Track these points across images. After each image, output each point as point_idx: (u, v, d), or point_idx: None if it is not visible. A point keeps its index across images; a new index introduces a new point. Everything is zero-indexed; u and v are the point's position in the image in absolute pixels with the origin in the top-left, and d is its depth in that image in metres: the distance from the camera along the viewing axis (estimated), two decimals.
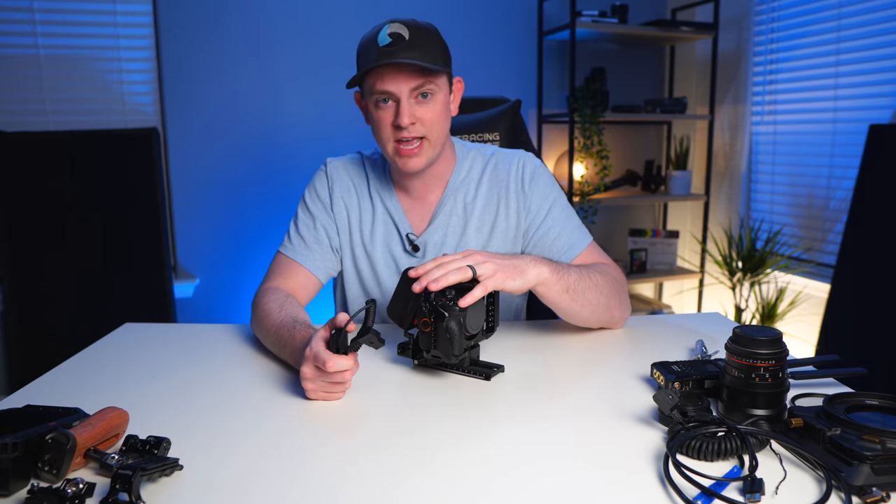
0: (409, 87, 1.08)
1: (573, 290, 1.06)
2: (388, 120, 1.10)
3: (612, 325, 1.19)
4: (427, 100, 1.10)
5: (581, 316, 1.12)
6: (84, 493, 0.61)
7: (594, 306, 1.11)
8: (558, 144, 3.16)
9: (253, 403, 0.88)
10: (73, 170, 2.37)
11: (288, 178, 2.83)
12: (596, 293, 1.10)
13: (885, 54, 2.30)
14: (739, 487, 0.63)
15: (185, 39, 2.66)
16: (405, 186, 1.25)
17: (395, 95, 1.08)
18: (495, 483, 0.66)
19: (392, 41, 1.05)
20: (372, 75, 1.09)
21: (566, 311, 1.10)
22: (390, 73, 1.07)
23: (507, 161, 1.26)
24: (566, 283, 1.05)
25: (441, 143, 1.16)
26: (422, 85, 1.08)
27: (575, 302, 1.07)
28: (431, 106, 1.11)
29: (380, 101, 1.10)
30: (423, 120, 1.10)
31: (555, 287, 1.04)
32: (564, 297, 1.06)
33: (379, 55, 1.05)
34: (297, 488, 0.66)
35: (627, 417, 0.81)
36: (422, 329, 0.91)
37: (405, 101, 1.08)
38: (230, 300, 2.86)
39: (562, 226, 1.23)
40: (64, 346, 1.37)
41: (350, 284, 1.28)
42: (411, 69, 1.07)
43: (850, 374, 0.91)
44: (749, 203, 3.00)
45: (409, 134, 1.10)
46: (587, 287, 1.08)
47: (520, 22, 3.03)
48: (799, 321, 2.66)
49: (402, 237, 1.24)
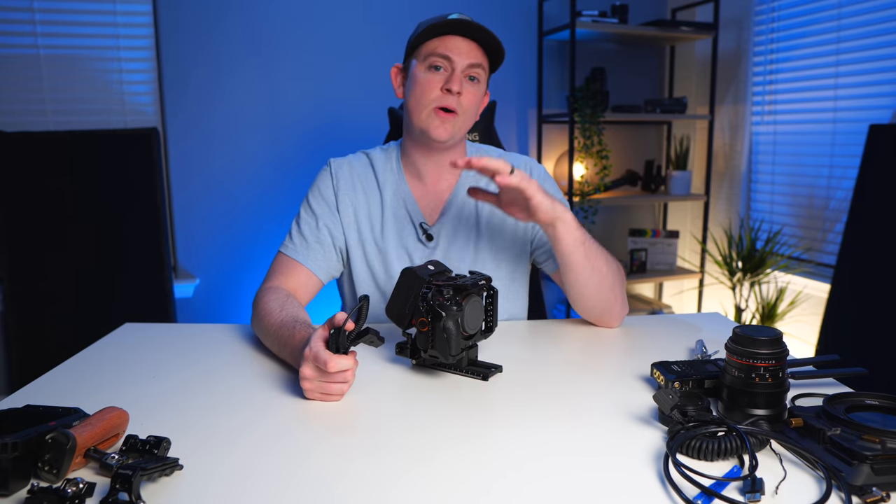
0: (468, 62, 1.15)
1: (588, 247, 1.08)
2: (436, 83, 1.15)
3: (609, 319, 1.18)
4: (473, 83, 1.17)
5: (589, 284, 1.11)
6: (84, 493, 0.61)
7: (602, 278, 1.11)
8: (558, 144, 3.16)
9: (252, 403, 0.88)
10: (73, 170, 2.37)
11: (288, 178, 2.83)
12: (607, 267, 1.12)
13: (885, 54, 2.30)
14: (739, 487, 0.63)
15: (185, 39, 2.66)
16: (419, 170, 1.26)
17: (453, 63, 1.14)
18: (494, 483, 0.66)
19: (462, 19, 1.13)
20: (435, 40, 1.15)
21: (576, 268, 1.09)
22: (456, 41, 1.14)
23: (515, 162, 1.30)
24: (584, 236, 1.08)
25: (465, 130, 1.22)
26: (478, 65, 1.16)
27: (587, 261, 1.09)
28: (474, 90, 1.17)
29: (434, 65, 1.15)
30: (465, 98, 1.16)
31: (574, 232, 1.06)
32: (580, 250, 1.07)
33: (450, 24, 1.12)
34: (296, 487, 0.66)
35: (627, 417, 0.81)
36: (419, 329, 0.91)
37: (459, 71, 1.14)
38: (230, 300, 2.86)
39: None
40: (64, 346, 1.37)
41: (361, 282, 1.27)
42: (476, 45, 1.15)
43: (850, 374, 0.91)
44: (749, 203, 3.00)
45: (451, 103, 1.15)
46: (600, 255, 1.11)
47: (520, 22, 3.03)
48: (799, 321, 2.66)
49: (416, 226, 1.25)
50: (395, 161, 1.29)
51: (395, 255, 1.25)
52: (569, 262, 1.09)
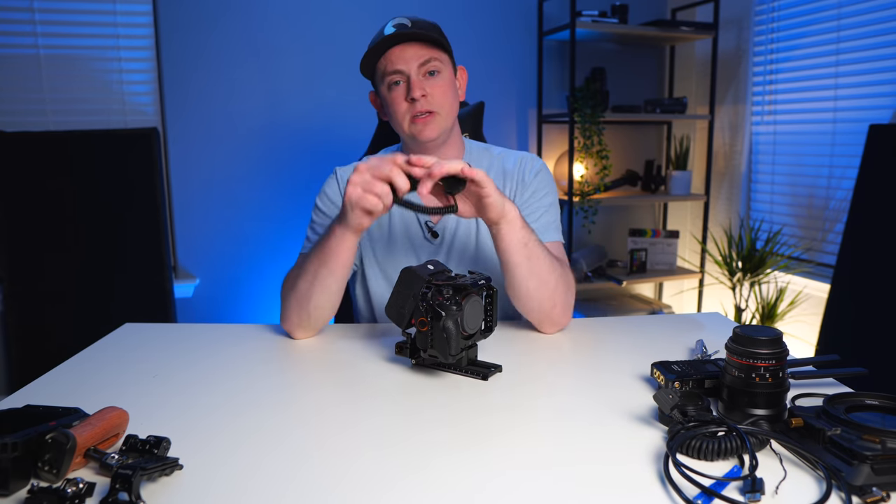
0: (417, 63, 1.16)
1: (530, 250, 1.06)
2: (401, 97, 1.18)
3: (546, 322, 1.15)
4: (435, 77, 1.18)
5: (525, 286, 1.09)
6: (84, 493, 0.61)
7: (541, 282, 1.09)
8: (558, 144, 3.16)
9: (253, 403, 0.88)
10: (72, 170, 2.37)
11: (288, 178, 2.83)
12: (549, 271, 1.09)
13: (885, 54, 2.29)
14: (739, 487, 0.63)
15: (185, 39, 2.66)
16: None
17: (405, 73, 1.16)
18: (493, 483, 0.66)
19: (396, 31, 1.15)
20: (381, 60, 1.18)
21: (515, 268, 1.08)
22: (397, 52, 1.16)
23: (513, 157, 1.32)
24: (528, 237, 1.06)
25: (451, 120, 1.23)
26: (428, 61, 1.17)
27: (528, 262, 1.07)
28: (440, 82, 1.18)
29: (392, 83, 1.18)
30: (433, 94, 1.17)
31: (517, 233, 1.04)
32: (521, 252, 1.06)
33: (385, 41, 1.15)
34: (296, 487, 0.66)
35: (627, 417, 0.81)
36: (419, 328, 0.91)
37: (415, 77, 1.16)
38: (230, 300, 2.86)
39: (542, 213, 1.26)
40: (64, 346, 1.37)
41: (374, 284, 1.30)
42: (416, 45, 1.16)
43: (850, 374, 0.91)
44: (749, 203, 3.00)
45: (422, 107, 1.17)
46: (543, 259, 1.08)
47: (520, 22, 3.03)
48: (799, 321, 2.66)
49: (421, 225, 1.28)
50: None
51: (403, 254, 1.28)
52: (507, 261, 1.08)
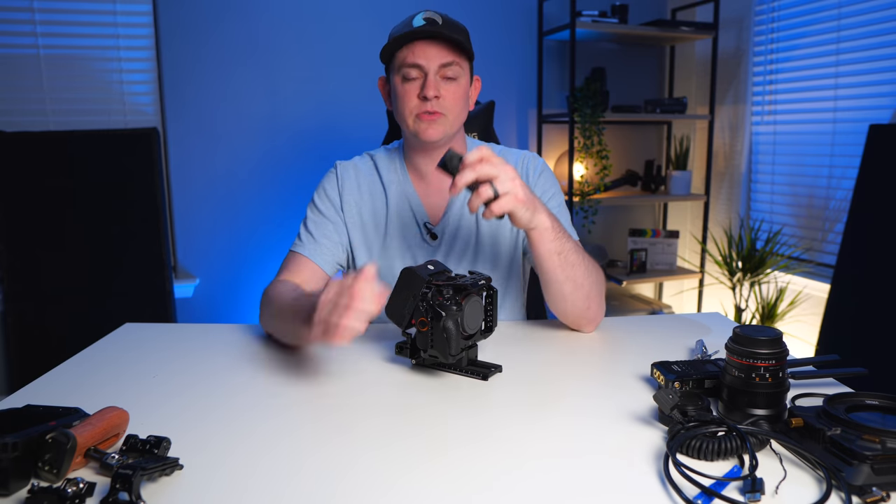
0: (439, 63, 1.14)
1: (565, 256, 1.06)
2: (413, 92, 1.16)
3: (584, 322, 1.15)
4: (451, 82, 1.17)
5: (562, 291, 1.09)
6: (84, 493, 0.61)
7: (576, 285, 1.09)
8: (558, 144, 3.16)
9: (252, 403, 0.88)
10: (72, 170, 2.37)
11: (288, 178, 2.83)
12: (584, 274, 1.09)
13: (885, 54, 2.30)
14: (739, 487, 0.63)
15: (185, 39, 2.66)
16: (421, 170, 1.27)
17: (424, 69, 1.14)
18: (493, 483, 0.66)
19: (426, 24, 1.13)
20: (403, 50, 1.15)
21: (550, 275, 1.08)
22: (422, 47, 1.14)
23: (514, 157, 1.31)
24: (561, 245, 1.05)
25: (457, 127, 1.21)
26: (450, 63, 1.15)
27: (562, 269, 1.06)
28: (455, 88, 1.17)
29: (408, 76, 1.16)
30: (446, 98, 1.16)
31: (550, 243, 1.03)
32: (554, 259, 1.05)
33: (414, 32, 1.13)
34: (296, 487, 0.66)
35: (627, 417, 0.81)
36: (419, 328, 0.91)
37: (432, 76, 1.14)
38: (230, 300, 2.86)
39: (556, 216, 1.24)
40: (64, 346, 1.37)
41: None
42: (443, 46, 1.14)
43: (850, 374, 0.91)
44: (749, 203, 3.00)
45: (432, 108, 1.15)
46: (578, 263, 1.08)
47: (520, 22, 3.03)
48: (799, 321, 2.66)
49: (420, 225, 1.27)
50: (399, 161, 1.30)
51: (399, 254, 1.27)
52: (543, 269, 1.08)
